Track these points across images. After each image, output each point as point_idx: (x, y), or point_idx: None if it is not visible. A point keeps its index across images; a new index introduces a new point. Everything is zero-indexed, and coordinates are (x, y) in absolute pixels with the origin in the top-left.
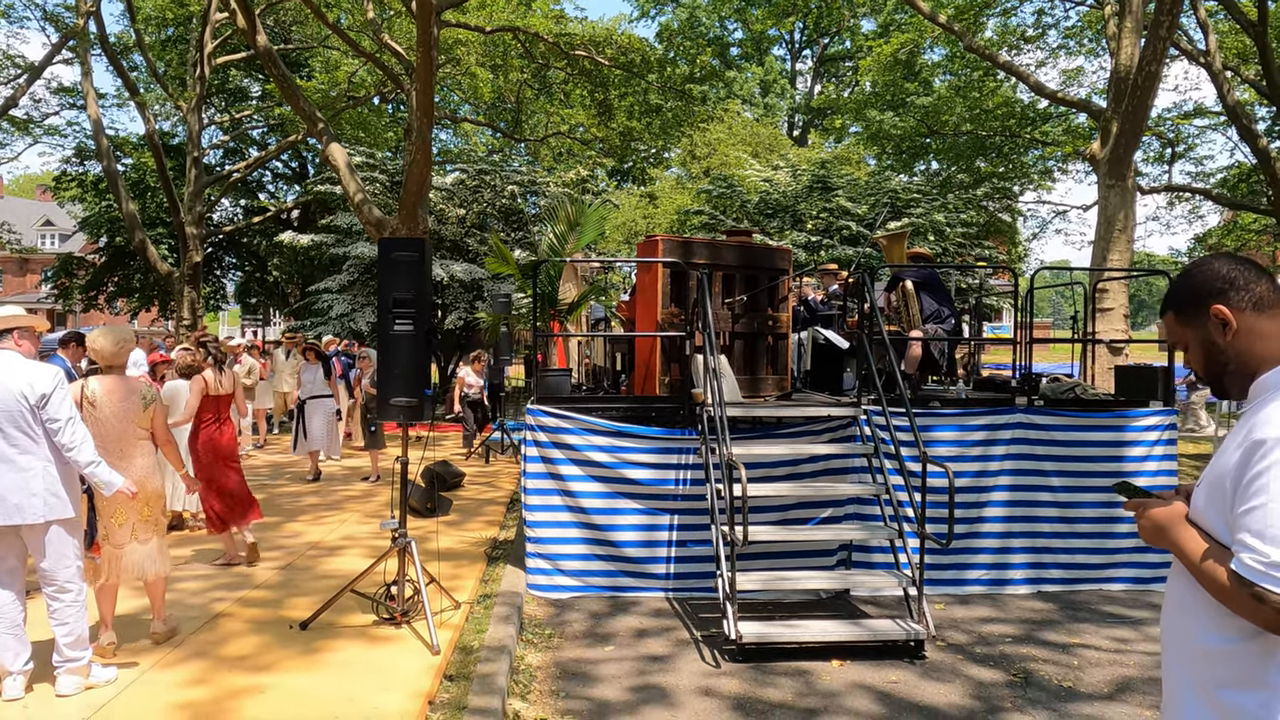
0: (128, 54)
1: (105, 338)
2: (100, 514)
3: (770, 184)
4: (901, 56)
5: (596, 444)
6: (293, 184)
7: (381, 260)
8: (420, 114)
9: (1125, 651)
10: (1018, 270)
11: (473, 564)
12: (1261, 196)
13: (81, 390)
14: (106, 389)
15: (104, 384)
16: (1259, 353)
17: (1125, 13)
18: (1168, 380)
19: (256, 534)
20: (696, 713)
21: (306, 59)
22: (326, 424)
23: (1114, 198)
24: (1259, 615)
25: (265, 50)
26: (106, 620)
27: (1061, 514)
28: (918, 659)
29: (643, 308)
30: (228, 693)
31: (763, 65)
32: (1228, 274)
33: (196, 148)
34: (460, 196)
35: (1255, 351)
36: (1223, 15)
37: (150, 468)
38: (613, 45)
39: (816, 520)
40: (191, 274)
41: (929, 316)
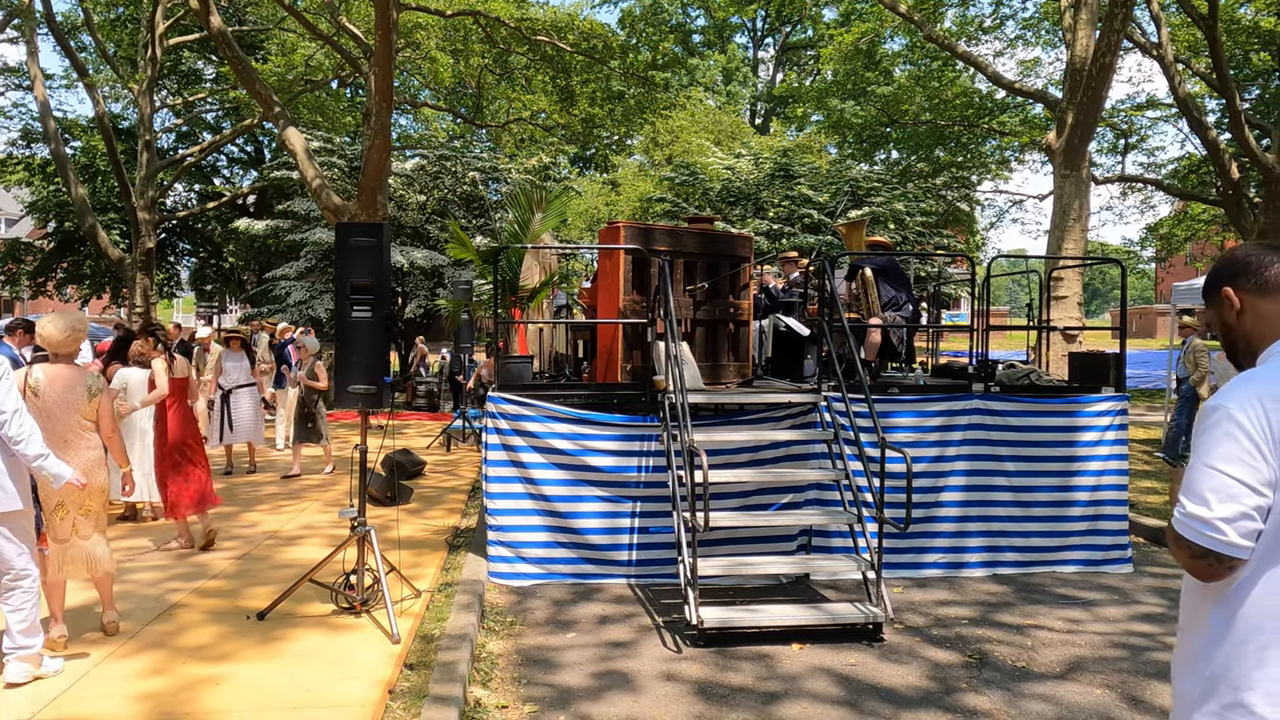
0: (76, 33)
1: (53, 325)
2: (43, 507)
3: (732, 172)
4: (862, 46)
5: (558, 431)
6: (249, 169)
7: (339, 246)
8: (379, 98)
9: (1077, 632)
10: (975, 259)
11: (434, 552)
12: (1211, 187)
13: (25, 378)
14: (50, 377)
15: (48, 372)
16: (1262, 332)
17: (1081, 5)
18: (1119, 367)
19: (214, 523)
20: (659, 698)
21: (262, 41)
22: (255, 412)
23: (1069, 187)
24: (1179, 560)
25: (219, 31)
26: (56, 614)
27: (1016, 498)
28: (876, 642)
29: (604, 295)
30: (184, 684)
31: (725, 53)
32: (1241, 258)
33: (148, 131)
34: (421, 183)
35: (1259, 330)
36: (1175, 8)
37: (95, 460)
38: (575, 31)
39: (777, 506)
40: (144, 260)
41: (888, 304)
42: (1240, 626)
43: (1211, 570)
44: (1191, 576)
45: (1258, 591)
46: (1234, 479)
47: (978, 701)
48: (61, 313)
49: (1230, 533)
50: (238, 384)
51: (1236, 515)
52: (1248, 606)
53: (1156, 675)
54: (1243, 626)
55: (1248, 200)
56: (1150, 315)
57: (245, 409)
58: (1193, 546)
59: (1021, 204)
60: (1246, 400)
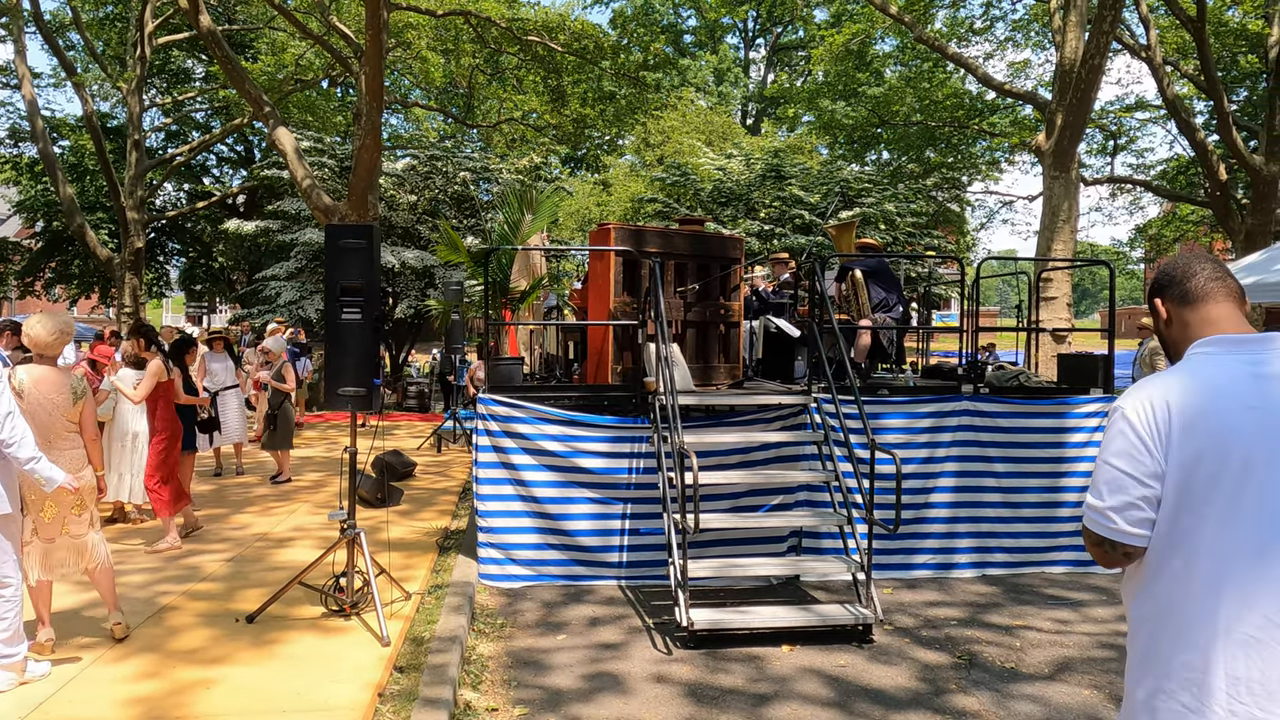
0: (64, 32)
1: (40, 325)
2: (29, 508)
3: (724, 172)
4: (853, 47)
5: (549, 433)
6: (238, 168)
7: (329, 248)
8: (370, 98)
9: (1065, 632)
10: (965, 260)
11: (424, 554)
12: (1199, 188)
13: (9, 379)
14: (35, 379)
15: (33, 373)
16: (1184, 337)
17: (1070, 7)
18: (1108, 368)
19: (204, 524)
20: (649, 699)
21: (252, 40)
22: (241, 414)
23: (1058, 189)
24: (1087, 549)
25: (209, 31)
26: (44, 617)
27: (1005, 499)
28: (866, 643)
29: (595, 296)
30: (174, 687)
31: (716, 53)
32: (1169, 271)
33: (137, 130)
34: (411, 183)
35: (1182, 337)
36: (1163, 10)
37: (80, 460)
38: (566, 31)
39: (768, 507)
40: (133, 260)
41: (877, 305)
42: (1154, 619)
43: (1110, 557)
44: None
45: (1163, 583)
46: (1122, 472)
47: (966, 702)
48: (49, 314)
49: (1119, 521)
50: (223, 385)
51: (1124, 505)
52: (1158, 599)
53: None
54: (1156, 618)
55: (1235, 201)
56: (1139, 316)
57: (231, 410)
58: (1091, 534)
59: (1011, 205)
60: (1140, 400)
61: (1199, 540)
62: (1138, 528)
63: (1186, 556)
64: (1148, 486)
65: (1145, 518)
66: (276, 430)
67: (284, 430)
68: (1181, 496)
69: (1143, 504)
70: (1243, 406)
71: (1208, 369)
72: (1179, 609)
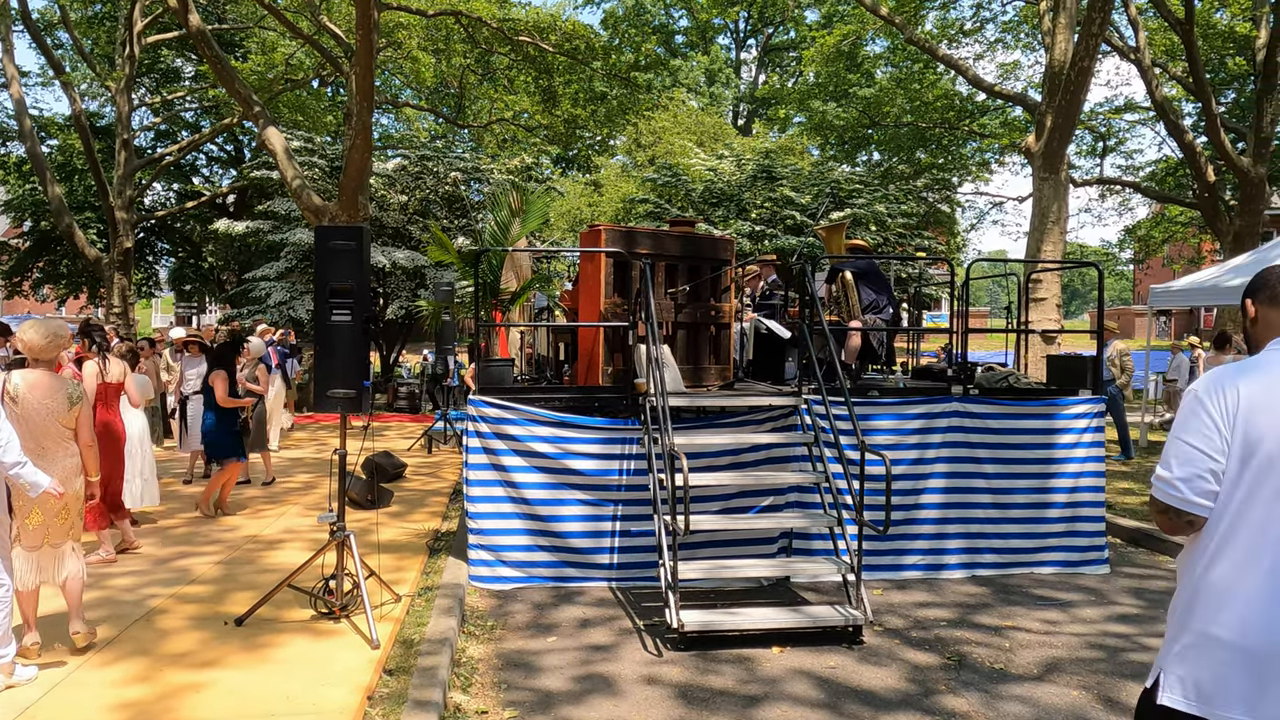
0: (52, 30)
1: (35, 330)
2: (16, 514)
3: (715, 173)
4: (844, 48)
5: (539, 434)
6: (228, 168)
7: (318, 249)
8: (360, 98)
9: (1054, 633)
10: (955, 261)
11: (415, 556)
12: (1188, 190)
13: (3, 384)
14: (30, 384)
15: (28, 378)
16: (1264, 335)
17: (1060, 9)
18: (1097, 369)
19: (192, 528)
20: (639, 701)
21: (242, 39)
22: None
23: (1047, 190)
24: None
25: (198, 30)
26: (29, 621)
27: (995, 500)
28: (856, 644)
29: (585, 297)
30: (162, 691)
31: (708, 54)
32: (1264, 275)
33: (126, 129)
34: (402, 183)
35: (1264, 334)
36: (1152, 13)
37: (74, 469)
38: (557, 32)
39: (758, 509)
40: (122, 260)
41: (868, 307)
42: (1199, 582)
43: (1174, 525)
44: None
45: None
46: (1193, 447)
47: (956, 703)
48: (43, 319)
49: (1186, 490)
50: (195, 389)
51: (1191, 476)
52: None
53: (1133, 676)
54: (1200, 581)
55: (1223, 203)
56: (1128, 316)
57: (200, 415)
58: (1158, 503)
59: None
60: (1213, 384)
61: (1248, 517)
62: (1202, 498)
63: (1235, 530)
64: (1214, 461)
65: (1209, 489)
66: (252, 434)
67: (257, 433)
68: (1239, 475)
69: (1209, 476)
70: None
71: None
72: (1220, 576)
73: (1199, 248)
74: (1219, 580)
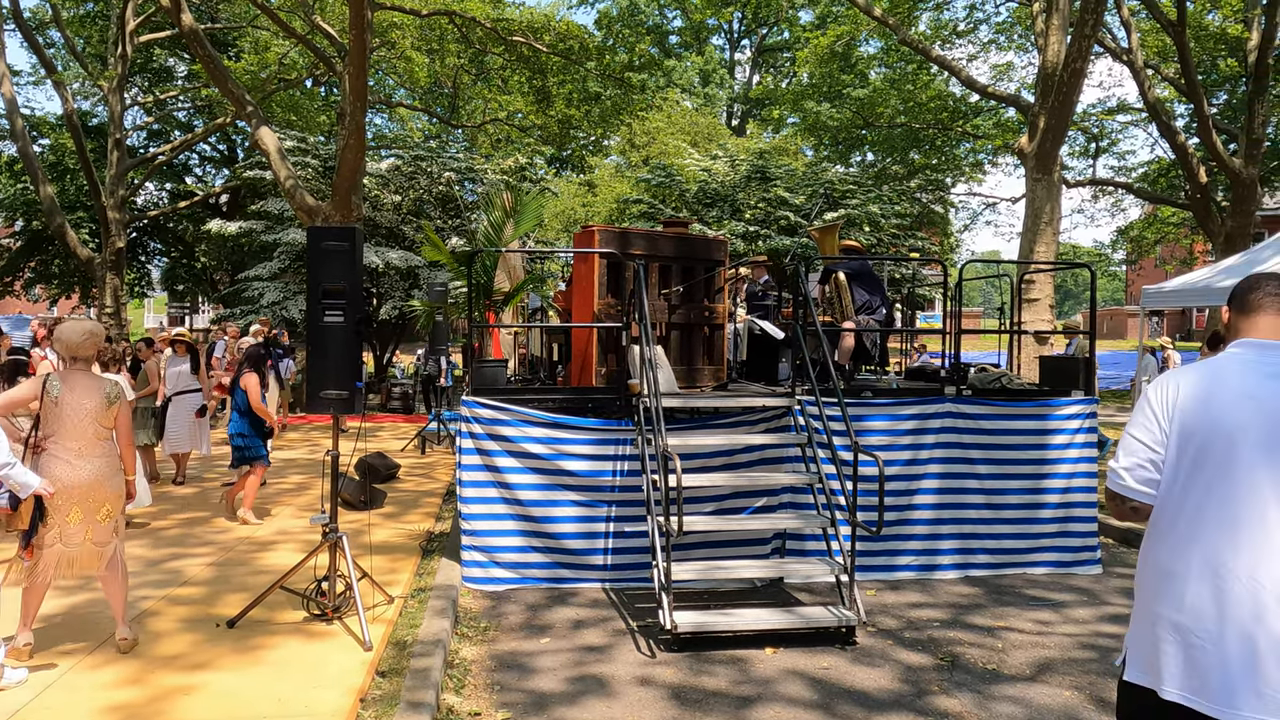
0: (44, 29)
1: (72, 329)
2: (55, 513)
3: (709, 174)
4: (838, 49)
5: (533, 435)
6: (221, 168)
7: (311, 250)
8: (354, 98)
9: (1047, 634)
10: (949, 261)
11: (408, 557)
12: (1180, 191)
13: (43, 384)
14: (69, 384)
15: (67, 379)
16: (1229, 340)
17: (1053, 10)
18: (1089, 370)
19: (185, 529)
20: (633, 702)
21: (235, 38)
22: (188, 420)
23: (1040, 191)
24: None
25: (191, 29)
26: (28, 620)
27: (988, 501)
28: (849, 645)
29: (579, 298)
30: (154, 694)
31: (702, 55)
32: (1240, 285)
33: (119, 129)
34: (396, 183)
35: (1229, 339)
36: (1144, 14)
37: (112, 468)
38: (551, 32)
39: (751, 510)
40: (114, 260)
41: (861, 308)
42: (1149, 566)
43: (1120, 510)
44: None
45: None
46: (1135, 439)
47: (948, 704)
48: (79, 319)
49: (1127, 478)
50: (177, 390)
51: (1133, 465)
52: (1153, 549)
53: None
54: (1150, 565)
55: (1215, 204)
56: (1121, 316)
57: (179, 418)
58: (1109, 491)
59: (995, 206)
60: (1159, 381)
61: (1185, 504)
62: (1142, 485)
63: (1175, 516)
64: (1154, 452)
65: (1150, 478)
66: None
67: None
68: (1177, 464)
69: (1149, 466)
70: (1243, 395)
71: (1227, 364)
72: (1163, 559)
73: (1191, 248)
74: (1162, 562)
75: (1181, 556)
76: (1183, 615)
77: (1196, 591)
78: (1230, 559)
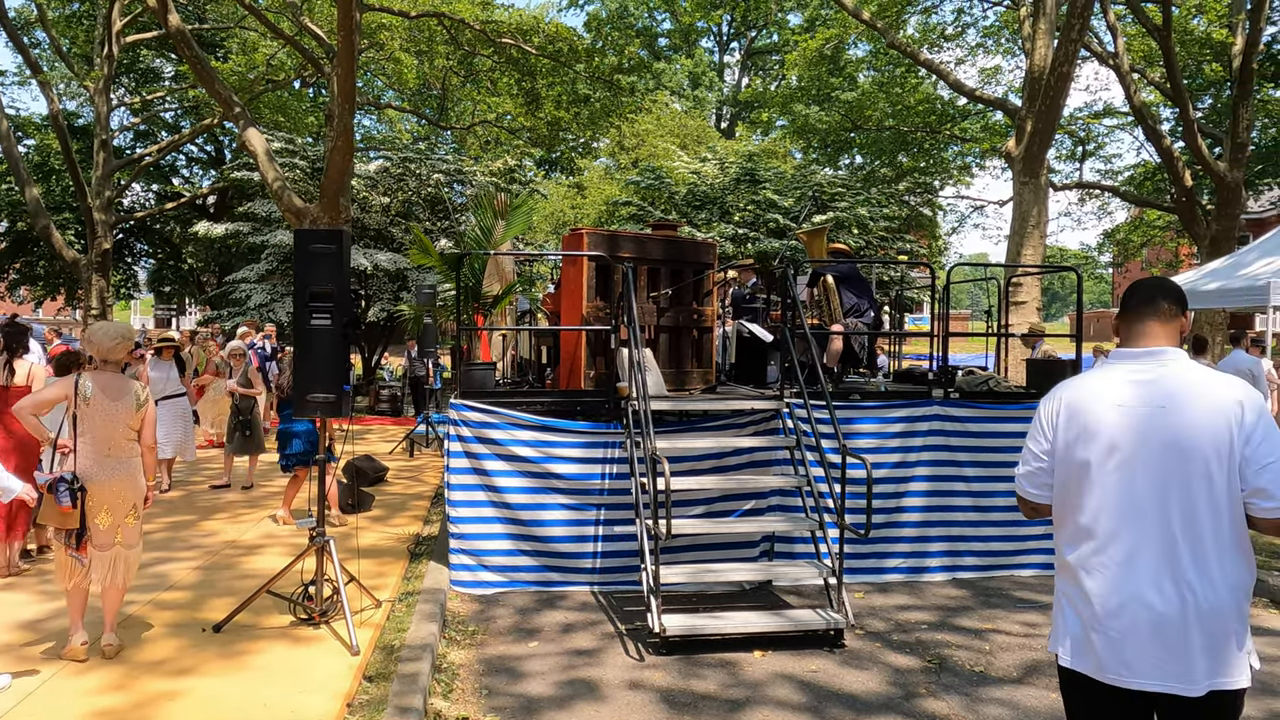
0: (29, 29)
1: (103, 332)
2: (88, 513)
3: (698, 176)
4: (827, 51)
5: (522, 438)
6: (208, 169)
7: (298, 253)
8: (342, 99)
9: (1034, 635)
10: (936, 264)
11: (396, 561)
12: (1165, 194)
13: (75, 385)
14: (100, 386)
15: (98, 381)
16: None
17: (1040, 14)
18: (1076, 373)
19: (172, 533)
20: (623, 706)
21: (222, 39)
22: (173, 426)
23: (1027, 194)
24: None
25: (178, 30)
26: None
27: (975, 503)
28: (837, 648)
29: (568, 301)
30: (139, 699)
31: (691, 57)
32: (1125, 293)
33: (105, 130)
34: (385, 184)
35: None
36: (1130, 19)
37: (138, 468)
38: (540, 34)
39: (740, 513)
40: (100, 261)
41: (849, 311)
42: (1057, 556)
43: (1027, 510)
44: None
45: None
46: (1029, 449)
47: (936, 706)
48: (110, 321)
49: (1024, 483)
50: (163, 395)
51: (1027, 473)
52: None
53: None
54: (1058, 556)
55: (1200, 207)
56: (1107, 319)
57: (165, 421)
58: (1016, 496)
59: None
60: (1047, 397)
61: (1074, 500)
62: (1035, 489)
63: (1066, 512)
64: (1041, 460)
65: (1042, 482)
66: (252, 436)
67: (258, 436)
68: (1063, 469)
69: (1040, 472)
70: (1111, 404)
71: (1098, 373)
72: (1064, 550)
73: (1176, 251)
74: (1063, 551)
75: (1075, 546)
76: (1077, 596)
77: (1087, 575)
78: (1112, 550)
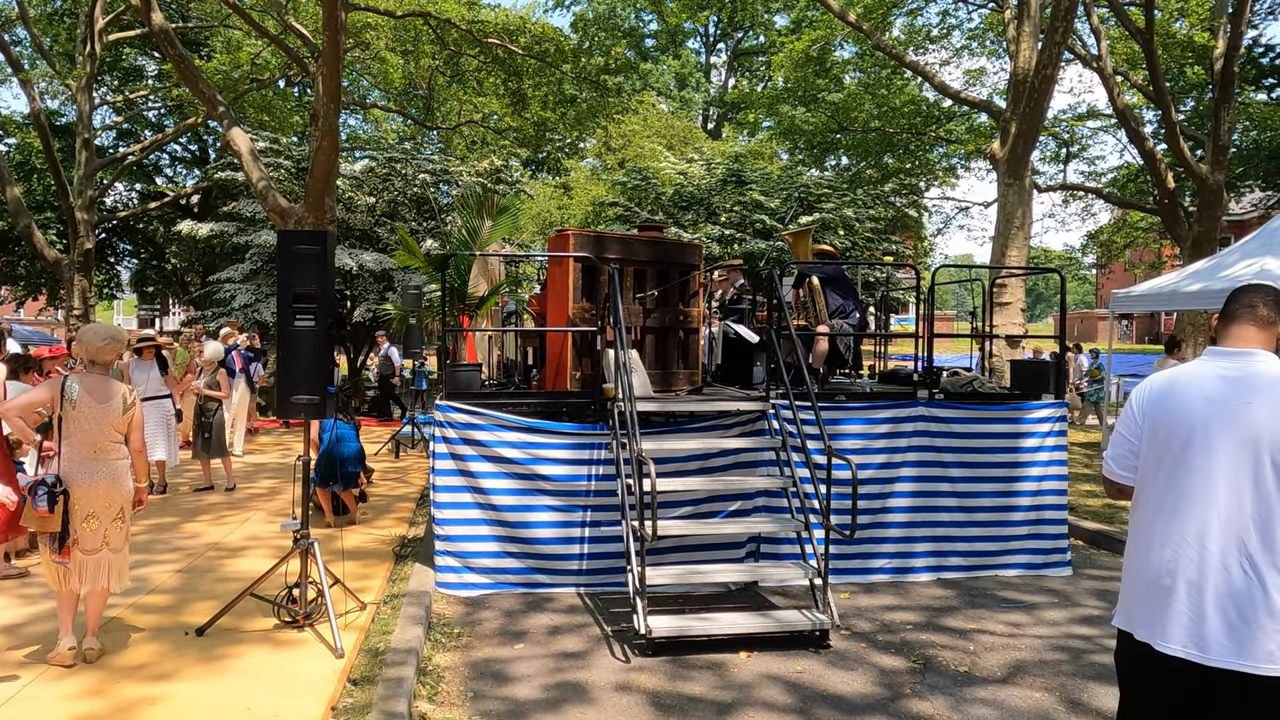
0: (10, 27)
1: (94, 334)
2: (72, 516)
3: (685, 177)
4: (813, 53)
5: (507, 440)
6: (192, 168)
7: (281, 253)
8: (327, 99)
9: (1019, 635)
10: (921, 266)
11: (381, 563)
12: (1148, 196)
13: (61, 387)
14: (87, 388)
15: (85, 382)
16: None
17: (1024, 17)
18: (1059, 374)
19: (154, 534)
20: (611, 709)
21: (206, 38)
22: (156, 428)
23: (1012, 195)
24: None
25: (161, 28)
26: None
27: (961, 503)
28: (823, 648)
29: (554, 302)
30: (119, 705)
31: (678, 58)
32: (1228, 296)
33: (87, 129)
34: (370, 184)
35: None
36: (1114, 22)
37: (125, 469)
38: (526, 34)
39: (726, 513)
40: (82, 261)
41: (834, 312)
42: (1131, 535)
43: (1111, 490)
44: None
45: (1133, 512)
46: (1119, 433)
47: (922, 707)
48: (101, 324)
49: (1112, 464)
50: (146, 396)
51: (1117, 455)
52: (1133, 522)
53: (1096, 677)
54: (1131, 535)
55: (1183, 209)
56: (1091, 320)
57: (148, 425)
58: (1102, 474)
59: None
60: (1141, 384)
61: (1156, 484)
62: (1122, 469)
63: (1148, 494)
64: (1131, 443)
65: (1130, 464)
66: (211, 438)
67: (218, 439)
68: (1148, 453)
69: (1129, 455)
70: (1199, 395)
71: (1192, 367)
72: (1138, 525)
73: (1159, 253)
74: (1137, 529)
75: (1150, 526)
76: (1148, 573)
77: (1159, 555)
78: (1184, 528)
